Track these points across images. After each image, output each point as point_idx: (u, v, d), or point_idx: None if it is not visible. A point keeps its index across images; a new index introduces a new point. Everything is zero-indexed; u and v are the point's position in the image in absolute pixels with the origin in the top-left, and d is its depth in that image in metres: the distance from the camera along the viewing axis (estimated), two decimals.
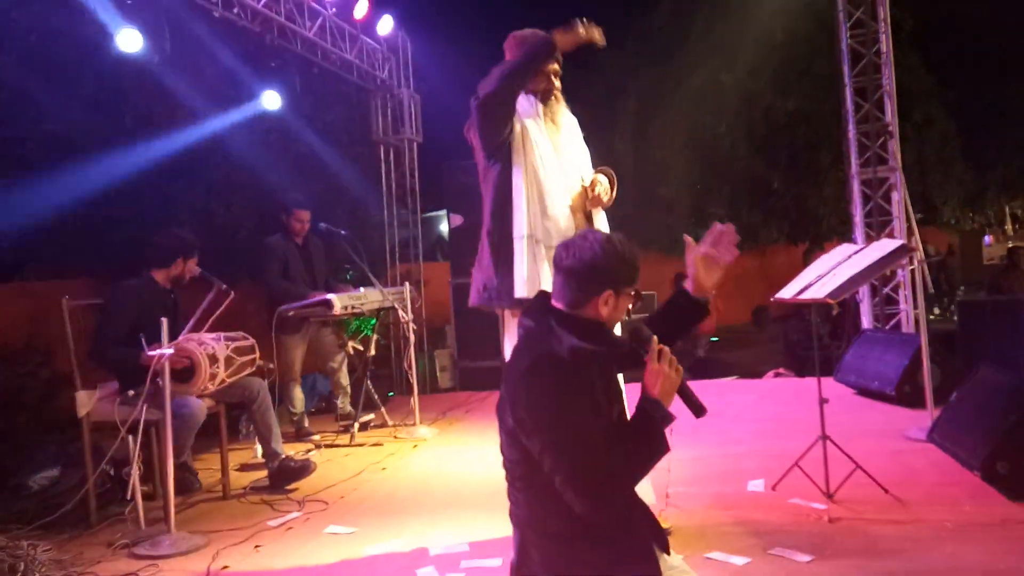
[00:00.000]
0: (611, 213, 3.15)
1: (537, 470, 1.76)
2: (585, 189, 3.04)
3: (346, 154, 8.09)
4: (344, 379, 5.43)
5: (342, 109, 7.81)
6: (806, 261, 14.77)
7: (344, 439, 5.01)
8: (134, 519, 3.46)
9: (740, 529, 3.00)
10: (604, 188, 3.07)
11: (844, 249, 3.39)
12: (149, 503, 3.75)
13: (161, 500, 3.60)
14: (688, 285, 2.12)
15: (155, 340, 3.45)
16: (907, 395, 4.74)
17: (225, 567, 2.98)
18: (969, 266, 17.11)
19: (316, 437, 5.16)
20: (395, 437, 5.05)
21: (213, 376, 3.66)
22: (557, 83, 3.05)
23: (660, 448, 1.79)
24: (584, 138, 3.17)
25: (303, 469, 4.04)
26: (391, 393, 6.74)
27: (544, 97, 3.03)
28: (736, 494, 3.43)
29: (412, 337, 5.10)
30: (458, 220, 7.34)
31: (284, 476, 4.02)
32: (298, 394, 5.25)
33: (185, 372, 3.57)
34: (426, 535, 3.18)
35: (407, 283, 5.39)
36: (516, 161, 2.89)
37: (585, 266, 1.83)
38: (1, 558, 3.10)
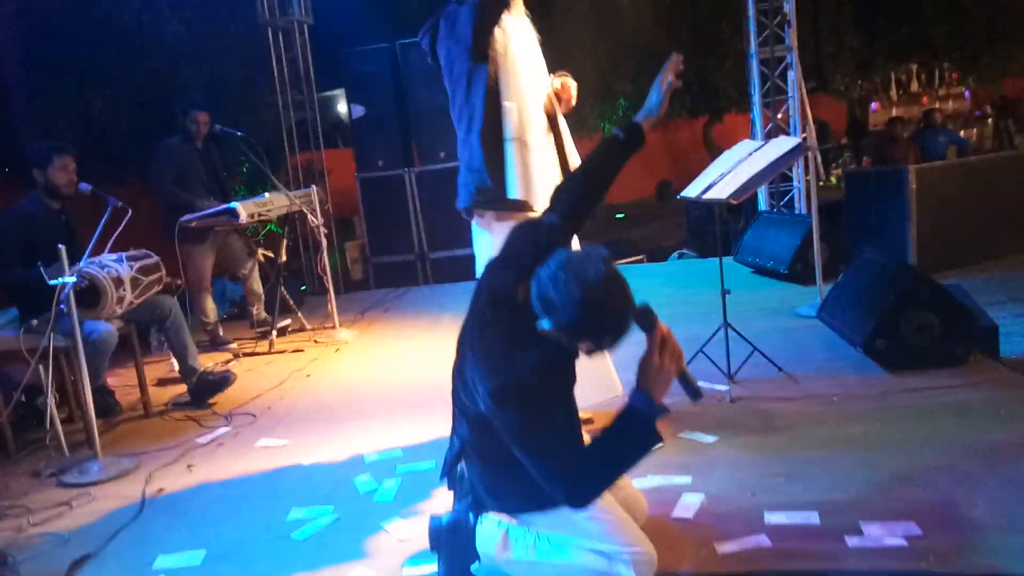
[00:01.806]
0: None
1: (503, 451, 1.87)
2: (556, 93, 3.03)
3: (229, 38, 7.63)
4: (257, 285, 5.36)
5: None
6: (706, 135, 15.09)
7: (263, 346, 5.01)
8: (56, 446, 3.42)
9: None
10: (575, 92, 3.09)
11: (745, 146, 3.52)
12: (69, 427, 3.72)
13: (81, 425, 3.59)
14: (645, 114, 2.21)
15: (52, 262, 3.32)
16: (799, 273, 5.08)
17: (160, 490, 3.03)
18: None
19: (233, 345, 5.13)
20: (315, 342, 5.08)
21: (120, 299, 3.56)
22: None
23: (650, 442, 1.81)
24: None
25: (223, 381, 4.06)
26: (303, 287, 6.70)
27: None
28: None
29: (324, 242, 5.04)
30: (360, 111, 7.11)
31: (204, 390, 4.03)
32: (210, 304, 5.16)
33: (91, 297, 3.46)
34: (358, 442, 3.29)
35: (314, 186, 5.26)
36: (503, 63, 2.83)
37: (567, 319, 1.73)
38: None
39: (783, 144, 3.24)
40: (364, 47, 7.12)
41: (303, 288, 6.74)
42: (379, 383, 4.12)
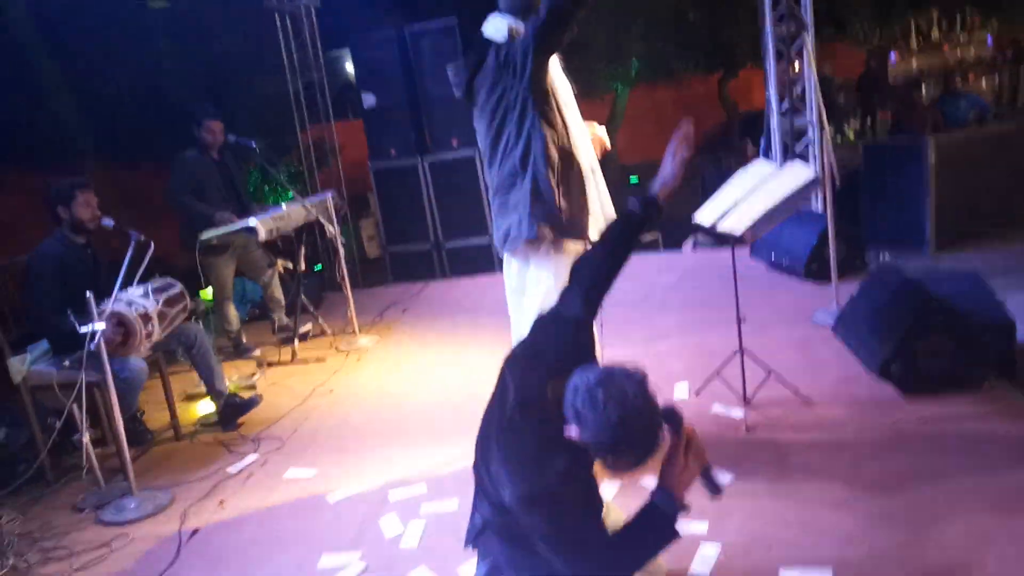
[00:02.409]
0: None
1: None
2: (597, 137, 3.08)
3: (232, 23, 7.55)
4: (277, 292, 5.44)
5: None
6: (721, 90, 14.79)
7: (286, 354, 5.11)
8: (92, 480, 3.55)
9: None
10: (607, 140, 3.13)
11: (760, 170, 3.49)
12: (104, 449, 3.86)
13: (114, 447, 3.71)
14: (660, 186, 2.22)
15: (82, 305, 3.39)
16: (815, 272, 5.08)
17: (195, 531, 3.15)
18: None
19: (257, 353, 5.24)
20: (336, 349, 5.17)
21: (149, 335, 3.65)
22: None
23: (669, 538, 1.89)
24: None
25: (249, 404, 4.18)
26: (318, 267, 6.79)
27: None
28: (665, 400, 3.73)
29: (341, 250, 5.08)
30: (371, 100, 7.06)
31: (232, 413, 4.14)
32: (232, 312, 5.26)
33: (121, 337, 3.55)
34: (383, 473, 3.39)
35: (330, 193, 5.28)
36: (559, 92, 2.84)
37: (599, 439, 1.78)
38: None
39: (798, 176, 3.22)
40: (372, 32, 7.04)
41: (318, 268, 6.81)
42: (400, 401, 4.21)
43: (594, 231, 2.94)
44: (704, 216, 3.57)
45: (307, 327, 5.44)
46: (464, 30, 7.20)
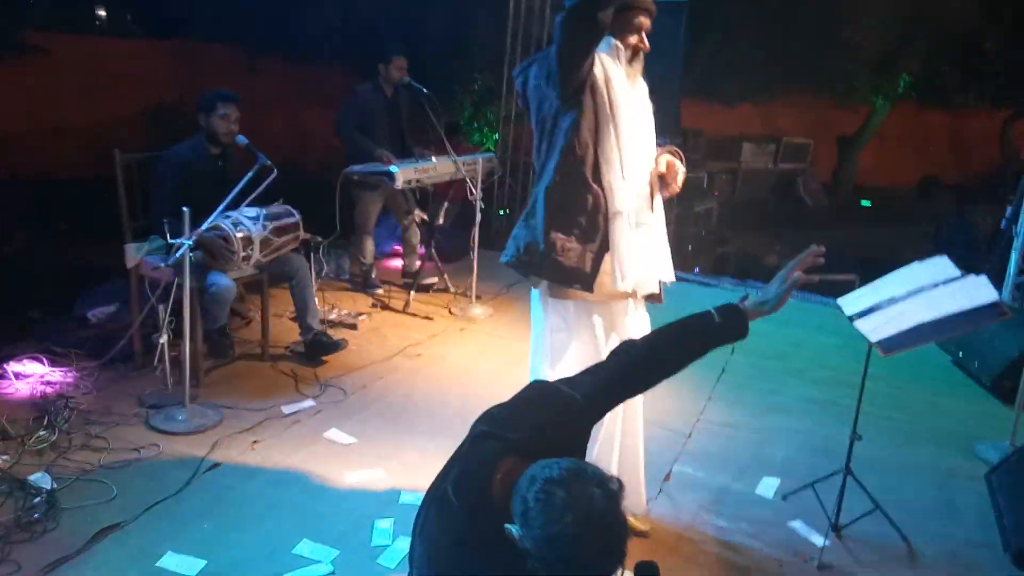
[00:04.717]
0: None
1: None
2: (660, 174, 2.60)
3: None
4: (414, 238, 5.38)
5: None
6: (1004, 132, 12.76)
7: (400, 302, 5.05)
8: (163, 380, 3.68)
9: (716, 558, 2.81)
10: (683, 177, 2.64)
11: (935, 270, 2.77)
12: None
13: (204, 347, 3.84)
14: (756, 305, 1.90)
15: (200, 212, 3.46)
16: (1004, 391, 4.15)
17: (216, 464, 3.16)
18: None
19: (380, 291, 5.25)
20: (449, 311, 5.04)
21: (247, 258, 3.67)
22: (646, 42, 2.53)
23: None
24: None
25: (335, 346, 4.15)
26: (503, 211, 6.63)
27: (632, 55, 2.54)
28: (741, 494, 3.20)
29: (479, 216, 4.88)
30: None
31: (317, 349, 4.15)
32: (369, 247, 5.28)
33: (220, 250, 3.59)
34: (410, 469, 3.20)
35: (490, 154, 5.08)
36: (601, 115, 2.44)
37: (539, 549, 1.46)
38: (42, 406, 3.45)
39: (974, 294, 2.51)
40: None
41: (501, 212, 6.71)
42: (472, 392, 3.97)
43: (611, 285, 2.53)
44: (848, 302, 2.93)
45: (433, 280, 5.36)
46: (695, 10, 6.61)
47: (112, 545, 2.63)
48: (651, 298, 2.70)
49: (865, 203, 12.54)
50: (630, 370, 1.86)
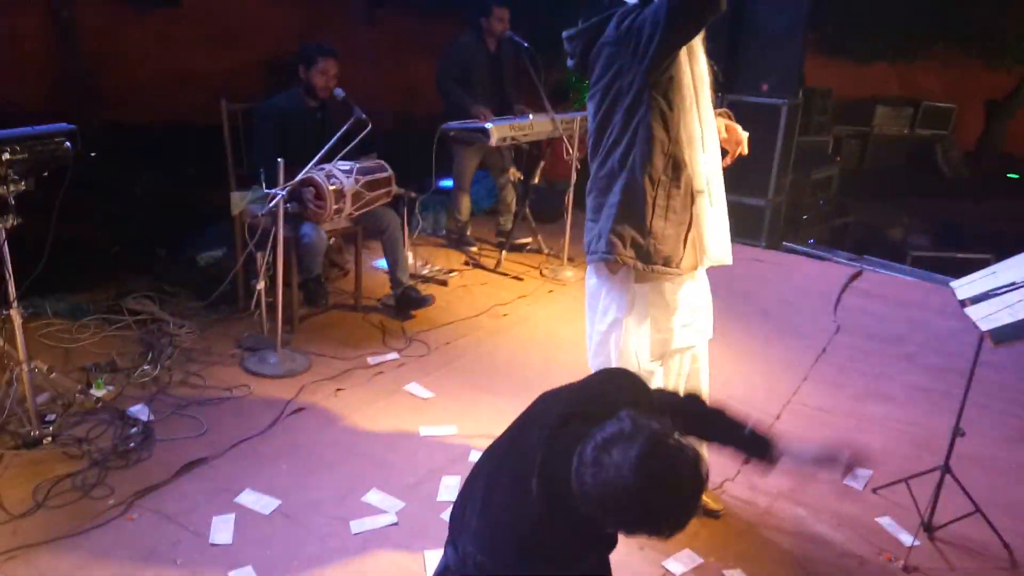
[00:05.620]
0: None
1: None
2: (722, 141, 2.48)
3: None
4: (509, 196, 5.34)
5: None
6: None
7: (494, 260, 5.04)
8: (260, 324, 3.83)
9: (789, 548, 2.68)
10: (746, 140, 2.52)
11: None
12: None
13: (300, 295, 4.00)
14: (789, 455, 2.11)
15: (297, 163, 3.55)
16: None
17: (300, 408, 3.27)
18: None
19: (473, 249, 5.26)
20: (540, 273, 4.99)
21: (338, 211, 3.74)
22: None
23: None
24: None
25: (423, 301, 4.20)
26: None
27: None
28: (828, 486, 3.01)
29: (574, 176, 4.77)
30: None
31: (406, 303, 4.21)
32: (465, 204, 5.28)
33: (311, 202, 3.68)
34: (481, 425, 3.21)
35: (582, 115, 4.92)
36: (685, 90, 2.28)
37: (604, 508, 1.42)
38: (148, 342, 3.67)
39: None
40: None
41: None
42: (555, 356, 3.93)
43: (692, 262, 2.46)
44: (963, 285, 2.68)
45: (527, 239, 5.31)
46: None
47: (196, 478, 2.78)
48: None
49: (1012, 176, 11.50)
50: (691, 427, 1.90)
